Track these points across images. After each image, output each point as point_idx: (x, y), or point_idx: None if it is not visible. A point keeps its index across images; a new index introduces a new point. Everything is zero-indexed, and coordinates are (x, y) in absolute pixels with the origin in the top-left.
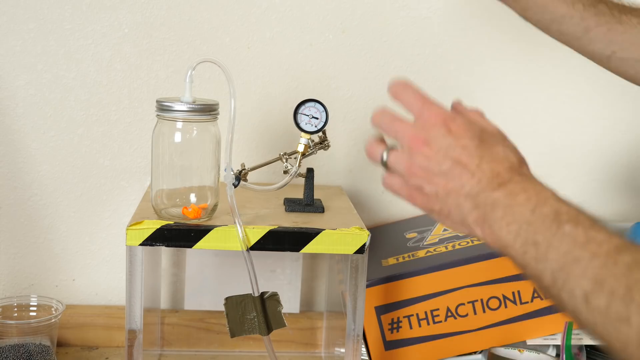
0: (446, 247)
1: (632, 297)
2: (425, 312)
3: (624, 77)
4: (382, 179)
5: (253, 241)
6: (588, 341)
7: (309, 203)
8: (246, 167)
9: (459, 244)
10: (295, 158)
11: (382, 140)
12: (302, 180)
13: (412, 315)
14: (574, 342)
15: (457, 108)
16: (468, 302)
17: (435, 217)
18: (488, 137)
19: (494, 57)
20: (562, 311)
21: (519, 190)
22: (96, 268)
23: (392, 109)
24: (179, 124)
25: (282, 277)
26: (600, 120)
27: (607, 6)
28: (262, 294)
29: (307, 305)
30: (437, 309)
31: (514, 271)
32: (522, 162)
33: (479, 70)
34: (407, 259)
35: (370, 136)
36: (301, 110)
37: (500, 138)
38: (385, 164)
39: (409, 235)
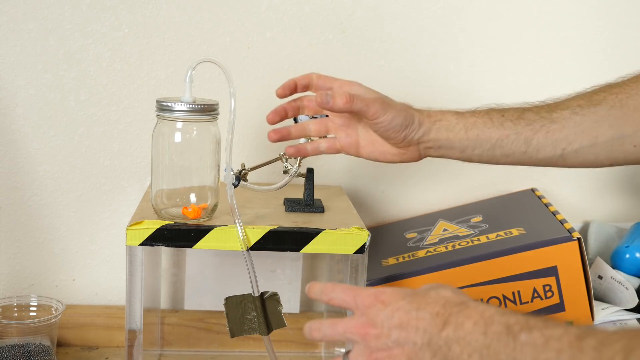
0: (446, 247)
1: None
2: None
3: (585, 166)
4: None
5: (253, 241)
6: None
7: (309, 203)
8: (246, 167)
9: (459, 244)
10: (295, 158)
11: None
12: (302, 180)
13: None
14: None
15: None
16: None
17: None
18: (417, 291)
19: (494, 57)
20: None
21: (463, 319)
22: (96, 268)
23: (318, 321)
24: (179, 124)
25: (282, 277)
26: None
27: (535, 112)
28: (262, 294)
29: (307, 305)
30: None
31: (514, 271)
32: (456, 292)
33: (478, 71)
34: (407, 259)
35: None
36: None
37: (430, 287)
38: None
39: (409, 235)
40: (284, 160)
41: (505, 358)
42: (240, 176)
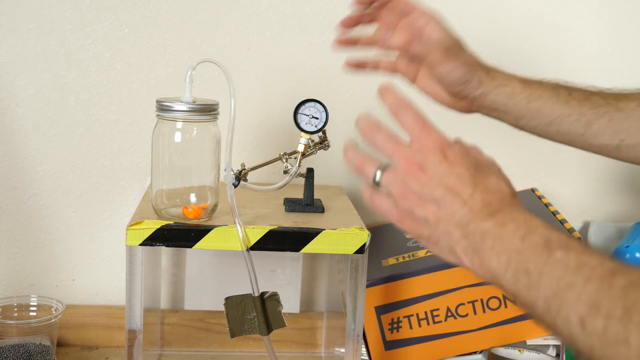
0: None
1: (630, 318)
2: (425, 312)
3: (638, 162)
4: (366, 197)
5: (253, 241)
6: None
7: (309, 203)
8: (246, 167)
9: None
10: (295, 158)
11: (372, 160)
12: (302, 180)
13: (412, 315)
14: None
15: (456, 141)
16: (468, 302)
17: (423, 242)
18: (483, 167)
19: (494, 58)
20: (558, 337)
21: (508, 220)
22: (96, 268)
23: (379, 121)
24: (179, 124)
25: (282, 277)
26: None
27: (602, 97)
28: (262, 294)
29: (307, 305)
30: (437, 309)
31: None
32: (513, 194)
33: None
34: (407, 259)
35: (349, 146)
36: (301, 110)
37: (494, 170)
38: (377, 183)
39: (409, 235)
40: (284, 160)
41: (532, 267)
42: (240, 176)
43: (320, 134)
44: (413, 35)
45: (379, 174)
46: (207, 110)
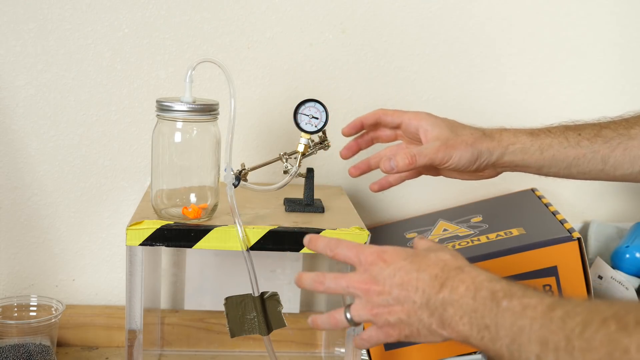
0: None
1: (573, 346)
2: None
3: None
4: (358, 345)
5: (253, 241)
6: None
7: (309, 203)
8: (246, 167)
9: (459, 244)
10: (295, 158)
11: (335, 311)
12: (302, 180)
13: None
14: None
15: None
16: None
17: (412, 340)
18: (418, 252)
19: (494, 58)
20: None
21: (458, 283)
22: (96, 268)
23: (321, 274)
24: (179, 124)
25: (282, 277)
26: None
27: (612, 129)
28: (262, 294)
29: (307, 305)
30: None
31: (514, 271)
32: (454, 256)
33: (478, 71)
34: None
35: (313, 318)
36: (301, 110)
37: (430, 248)
38: (351, 321)
39: (409, 235)
40: (284, 160)
41: (489, 322)
42: (240, 176)
43: (320, 134)
44: (412, 150)
45: (347, 314)
46: (207, 110)
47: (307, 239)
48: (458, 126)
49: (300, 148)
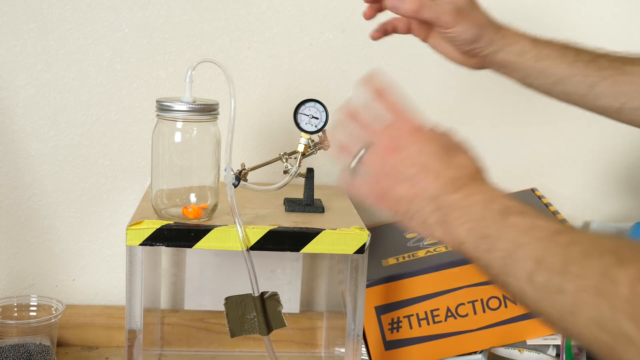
0: (446, 247)
1: (568, 270)
2: (425, 312)
3: (638, 125)
4: (343, 181)
5: (253, 241)
6: None
7: (309, 203)
8: (246, 167)
9: None
10: (295, 158)
11: (359, 138)
12: (302, 180)
13: (412, 315)
14: (574, 342)
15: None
16: (468, 302)
17: (400, 218)
18: (452, 147)
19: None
20: (510, 296)
21: (474, 192)
22: (96, 268)
23: (359, 108)
24: (179, 124)
25: (282, 277)
26: (601, 120)
27: (608, 59)
28: (262, 294)
29: (307, 305)
30: (437, 309)
31: None
32: (480, 170)
33: (479, 71)
34: (407, 259)
35: (338, 125)
36: (301, 110)
37: (463, 149)
38: (359, 159)
39: (409, 235)
40: (284, 160)
41: (491, 232)
42: (240, 176)
43: (320, 134)
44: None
45: (362, 152)
46: (207, 110)
47: (367, 76)
48: (474, 2)
49: (300, 148)
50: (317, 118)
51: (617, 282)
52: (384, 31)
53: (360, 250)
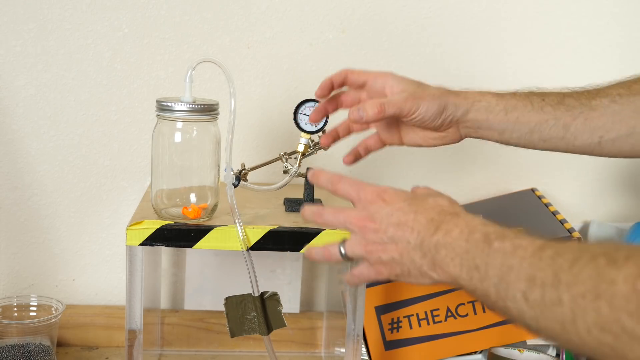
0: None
1: (560, 280)
2: (425, 312)
3: (622, 156)
4: (348, 280)
5: (253, 241)
6: None
7: (309, 203)
8: (246, 167)
9: None
10: (295, 158)
11: (331, 244)
12: (302, 180)
13: (412, 315)
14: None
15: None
16: (468, 302)
17: (402, 279)
18: (417, 195)
19: (494, 58)
20: (511, 320)
21: (452, 226)
22: (96, 268)
23: (321, 207)
24: (179, 124)
25: (282, 277)
26: None
27: (575, 98)
28: (262, 294)
29: (307, 305)
30: (437, 309)
31: None
32: (452, 203)
33: (479, 71)
34: None
35: (310, 250)
36: (301, 110)
37: (429, 193)
38: (345, 256)
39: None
40: (284, 160)
41: (480, 262)
42: (240, 176)
43: (320, 134)
44: (380, 99)
45: (342, 248)
46: (207, 110)
47: (311, 172)
48: (423, 84)
49: (300, 148)
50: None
51: (614, 281)
52: (356, 155)
53: None
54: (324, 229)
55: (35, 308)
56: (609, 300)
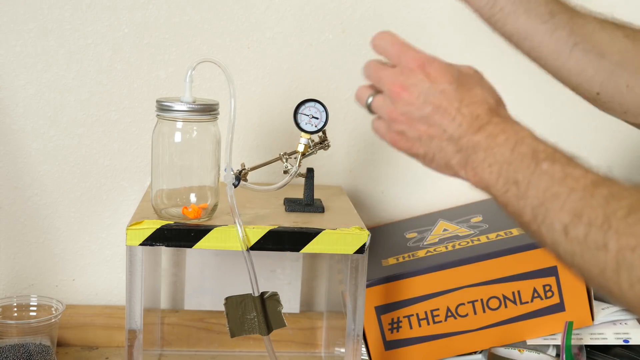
0: (446, 247)
1: (610, 225)
2: (425, 312)
3: (576, 81)
4: (373, 125)
5: (253, 241)
6: (588, 341)
7: (309, 203)
8: (246, 167)
9: (459, 244)
10: (295, 158)
11: (371, 86)
12: (302, 180)
13: (412, 315)
14: (574, 342)
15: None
16: (468, 302)
17: (420, 160)
18: (466, 79)
19: (494, 58)
20: (542, 245)
21: (498, 131)
22: (96, 268)
23: (370, 61)
24: (179, 124)
25: (282, 277)
26: (601, 120)
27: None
28: (262, 294)
29: (307, 305)
30: (437, 309)
31: (514, 271)
32: (499, 102)
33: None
34: (407, 259)
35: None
36: (301, 110)
37: (477, 79)
38: (369, 107)
39: (409, 235)
40: (284, 160)
41: (521, 178)
42: (240, 176)
43: (320, 133)
44: None
45: (370, 98)
46: (207, 110)
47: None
48: None
49: (300, 148)
50: (317, 118)
51: None
52: None
53: (360, 250)
54: (324, 229)
55: (35, 308)
56: None
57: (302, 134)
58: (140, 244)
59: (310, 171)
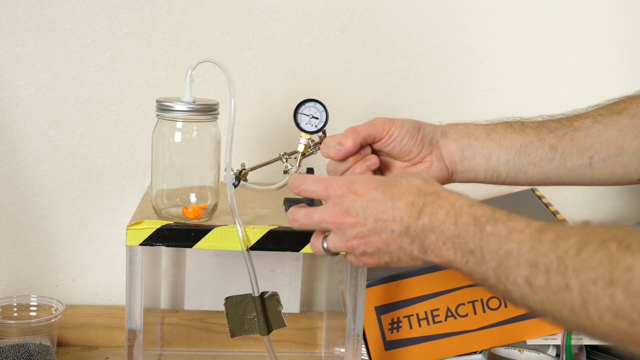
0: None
1: (566, 266)
2: (425, 312)
3: (614, 181)
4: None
5: (253, 241)
6: (588, 341)
7: (309, 203)
8: (246, 167)
9: None
10: (295, 158)
11: (318, 232)
12: None
13: (412, 315)
14: (574, 342)
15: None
16: (468, 302)
17: (394, 266)
18: (389, 179)
19: (494, 58)
20: (513, 303)
21: (437, 208)
22: (96, 268)
23: (295, 210)
24: (179, 124)
25: (282, 277)
26: None
27: (554, 121)
28: (262, 294)
29: (307, 305)
30: (437, 309)
31: None
32: (427, 181)
33: (478, 70)
34: None
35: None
36: (301, 110)
37: (401, 174)
38: (328, 251)
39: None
40: (284, 160)
41: (473, 246)
42: (240, 176)
43: (321, 133)
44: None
45: (325, 244)
46: (207, 110)
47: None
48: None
49: (300, 148)
50: (317, 118)
51: (631, 268)
52: None
53: None
54: None
55: (35, 308)
56: (624, 287)
57: (302, 134)
58: (140, 244)
59: (310, 171)
